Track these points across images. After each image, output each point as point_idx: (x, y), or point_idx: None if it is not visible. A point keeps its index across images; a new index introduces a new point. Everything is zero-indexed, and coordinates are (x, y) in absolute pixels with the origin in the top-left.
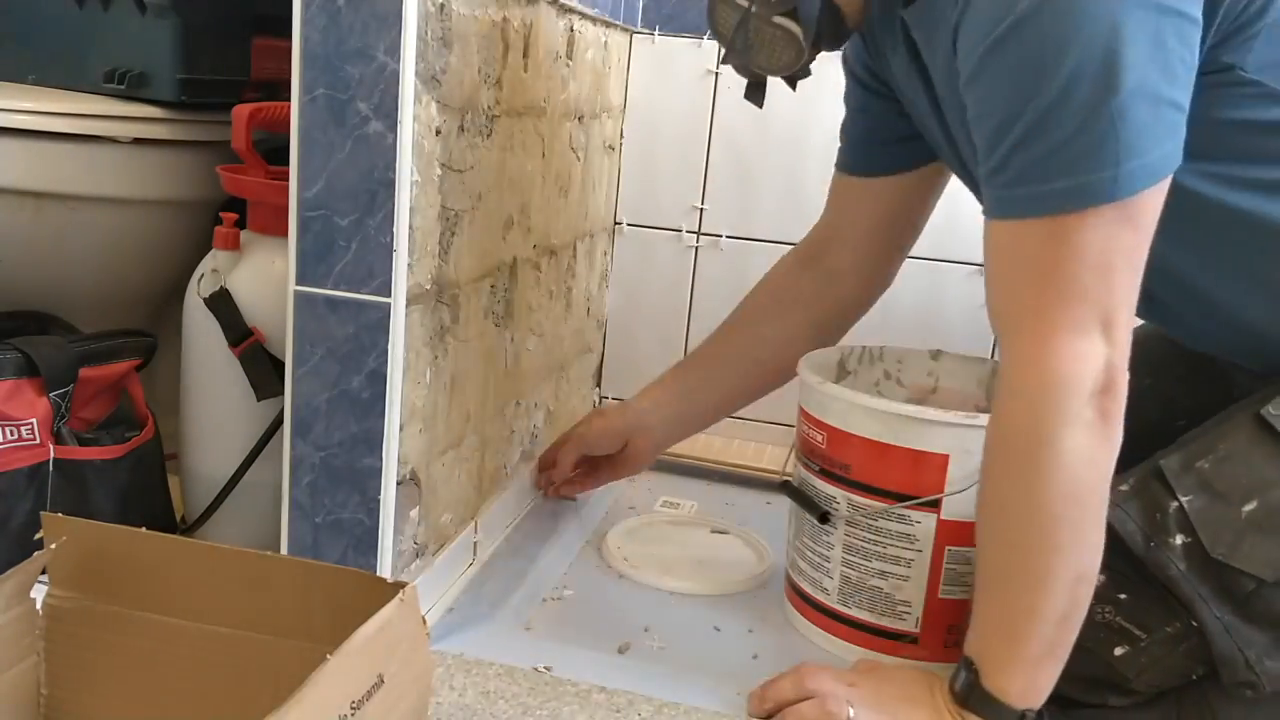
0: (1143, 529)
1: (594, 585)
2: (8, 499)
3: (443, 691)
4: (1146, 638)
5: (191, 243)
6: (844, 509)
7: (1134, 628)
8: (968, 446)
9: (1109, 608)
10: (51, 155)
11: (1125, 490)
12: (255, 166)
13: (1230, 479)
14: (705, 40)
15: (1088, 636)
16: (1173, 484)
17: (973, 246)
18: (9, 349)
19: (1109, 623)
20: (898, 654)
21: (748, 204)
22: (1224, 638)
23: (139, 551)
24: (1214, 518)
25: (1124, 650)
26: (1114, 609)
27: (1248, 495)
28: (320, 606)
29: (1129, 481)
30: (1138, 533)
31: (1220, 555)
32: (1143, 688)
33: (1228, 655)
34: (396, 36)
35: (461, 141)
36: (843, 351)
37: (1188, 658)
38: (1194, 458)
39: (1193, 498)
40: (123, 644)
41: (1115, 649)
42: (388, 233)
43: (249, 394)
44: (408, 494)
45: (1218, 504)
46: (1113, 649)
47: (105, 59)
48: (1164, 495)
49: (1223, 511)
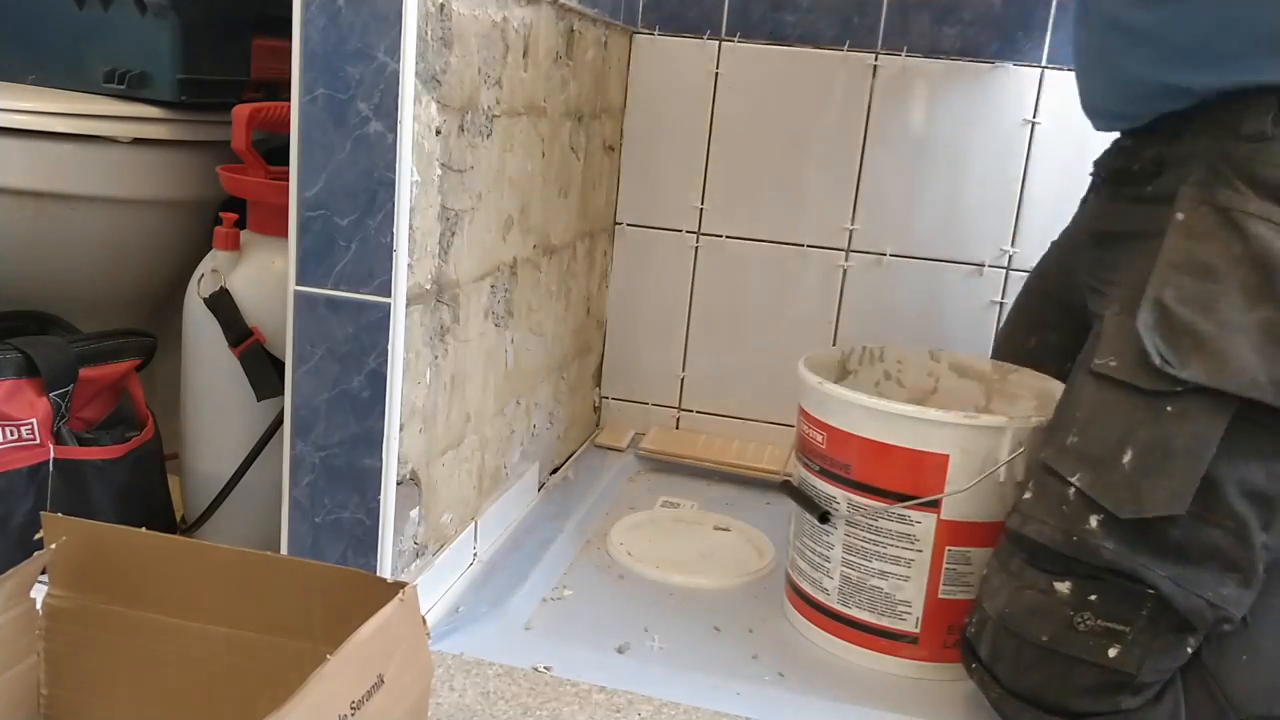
0: (1059, 527)
1: (594, 585)
2: (8, 499)
3: (443, 691)
4: (1129, 629)
5: (191, 243)
6: (844, 509)
7: (1115, 624)
8: (968, 446)
9: (1086, 614)
10: (51, 155)
11: (1029, 498)
12: (255, 166)
13: (1100, 440)
14: (705, 40)
15: (1078, 648)
16: (1060, 471)
17: (973, 247)
18: (9, 349)
19: (1092, 629)
20: (898, 654)
21: (748, 204)
22: (1179, 592)
23: (139, 551)
24: (1106, 483)
25: (1117, 650)
26: (1091, 614)
27: (1121, 448)
28: (320, 606)
29: (1029, 489)
30: (1056, 533)
31: (1129, 513)
32: (1150, 678)
33: (1190, 606)
34: (396, 36)
35: (461, 141)
36: (843, 351)
37: (1174, 632)
38: (1063, 437)
39: (1080, 474)
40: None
41: (1109, 651)
42: (388, 233)
43: (249, 394)
44: (408, 494)
45: (1102, 469)
46: (1106, 652)
47: (105, 59)
48: (1059, 485)
49: (1109, 473)
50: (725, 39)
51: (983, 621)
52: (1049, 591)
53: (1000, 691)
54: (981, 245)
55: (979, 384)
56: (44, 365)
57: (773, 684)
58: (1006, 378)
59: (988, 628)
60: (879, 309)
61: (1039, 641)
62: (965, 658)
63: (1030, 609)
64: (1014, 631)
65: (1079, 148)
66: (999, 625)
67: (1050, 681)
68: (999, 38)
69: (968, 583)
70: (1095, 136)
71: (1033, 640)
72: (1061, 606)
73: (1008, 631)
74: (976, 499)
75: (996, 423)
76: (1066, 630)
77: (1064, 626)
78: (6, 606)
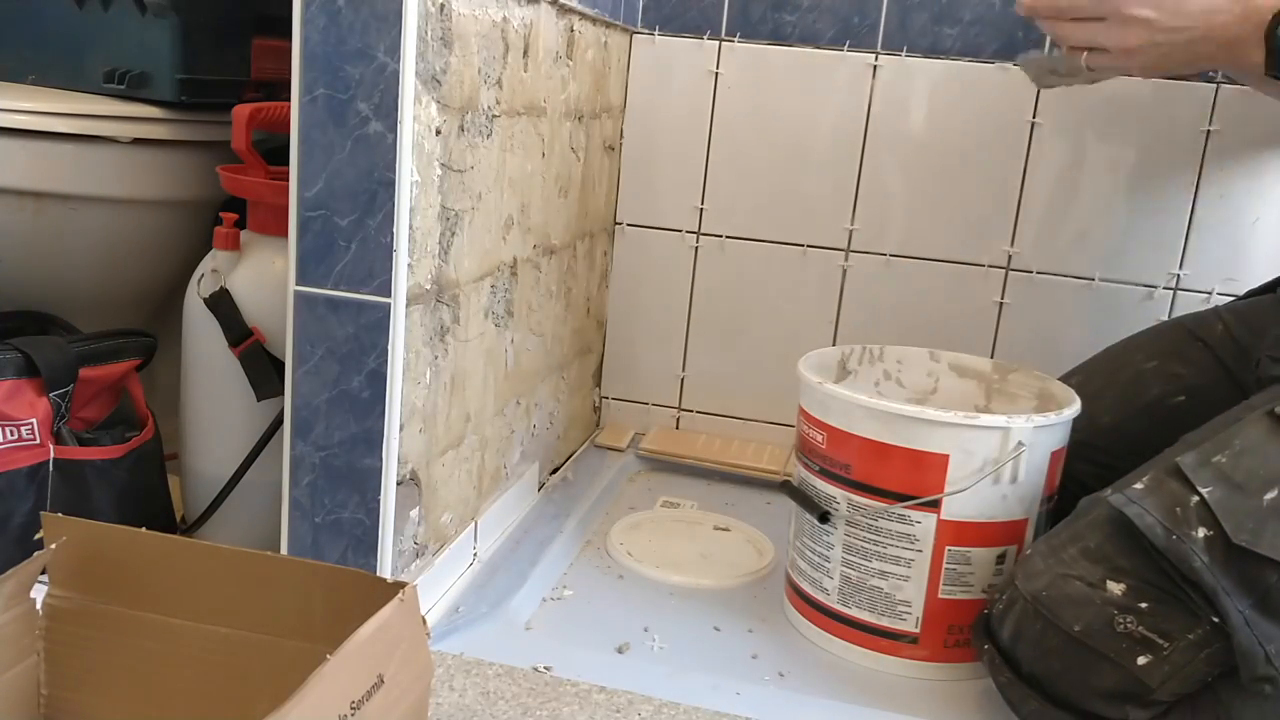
0: (1162, 523)
1: (594, 585)
2: (8, 499)
3: (443, 691)
4: (1169, 646)
5: (191, 243)
6: (844, 509)
7: (1156, 636)
8: (968, 446)
9: (1130, 617)
10: (51, 155)
11: (1141, 488)
12: (255, 166)
13: (1248, 470)
14: (705, 40)
15: (1110, 648)
16: (1191, 479)
17: (973, 247)
18: (9, 349)
19: (1131, 633)
20: (898, 654)
21: (748, 204)
22: (1245, 631)
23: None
24: (1235, 507)
25: (1147, 660)
26: (1135, 618)
27: (1267, 485)
28: (320, 606)
29: (1143, 480)
30: (1157, 525)
31: (1244, 542)
32: (1165, 697)
33: (1248, 649)
34: (396, 36)
35: (461, 141)
36: (843, 351)
37: (1209, 664)
38: (1210, 454)
39: (1212, 489)
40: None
41: (1139, 659)
42: (388, 233)
43: (249, 394)
44: (408, 494)
45: (1238, 494)
46: (1136, 659)
47: (105, 59)
48: (1183, 490)
49: (1243, 501)
50: (725, 39)
51: (1012, 601)
52: (1098, 586)
53: (1009, 676)
54: (982, 245)
55: (979, 384)
56: (44, 365)
57: (773, 684)
58: (1006, 378)
59: (1015, 608)
60: (879, 309)
61: (1070, 630)
62: (977, 638)
63: (1071, 598)
64: (1045, 615)
65: (1079, 148)
66: (1030, 607)
67: (1067, 672)
68: (999, 38)
69: (968, 583)
70: (1094, 136)
71: (1063, 627)
72: (1107, 604)
73: (1037, 614)
74: (976, 499)
75: (996, 423)
76: (1104, 627)
77: (1103, 622)
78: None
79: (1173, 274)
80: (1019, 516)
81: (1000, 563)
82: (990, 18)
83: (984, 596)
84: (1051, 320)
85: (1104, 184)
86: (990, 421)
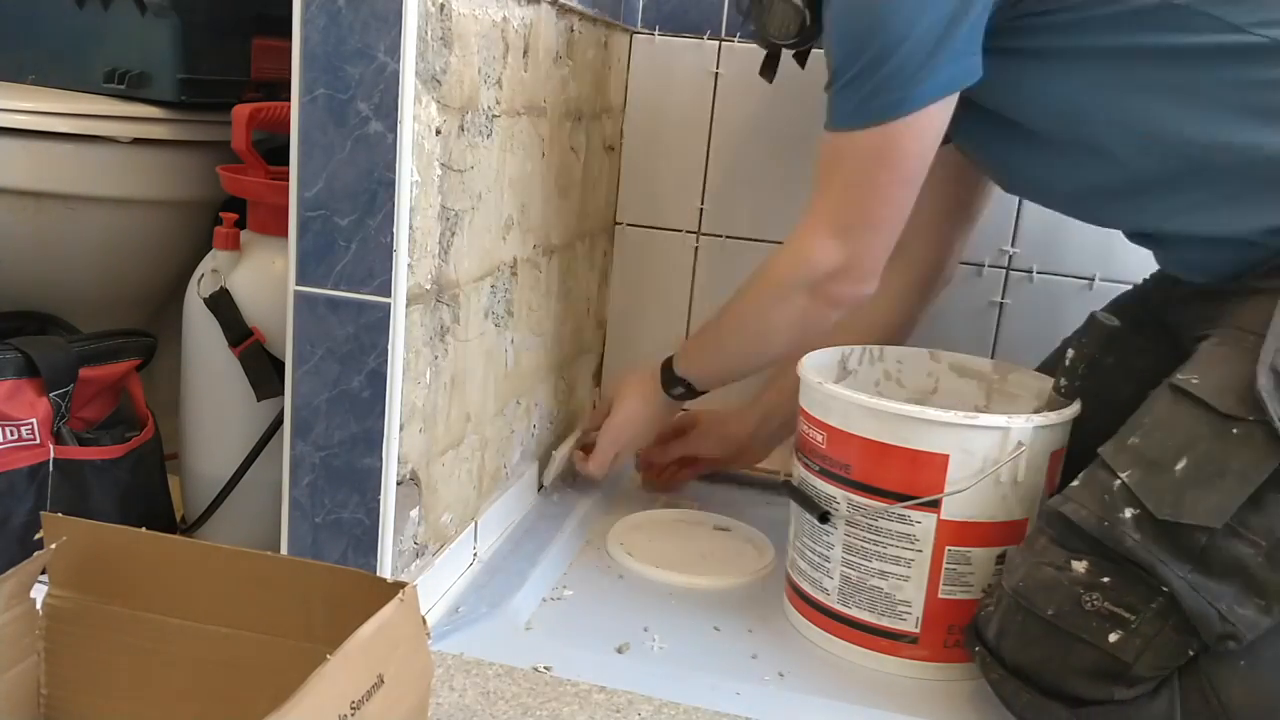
0: (1095, 512)
1: (594, 585)
2: (8, 499)
3: (443, 692)
4: (1135, 618)
5: (191, 243)
6: (844, 509)
7: (1122, 610)
8: (968, 446)
9: (1095, 594)
10: (51, 155)
11: (1076, 485)
12: (255, 166)
13: (1160, 446)
14: (705, 40)
15: (1080, 627)
16: (1111, 465)
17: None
18: (9, 349)
19: (1098, 609)
20: (898, 654)
21: (748, 204)
22: (1192, 595)
23: (139, 551)
24: (1153, 484)
25: (1118, 635)
26: (1100, 594)
27: (1178, 455)
28: (320, 606)
29: (1079, 479)
30: (1090, 516)
31: (1167, 515)
32: (1146, 672)
33: (1199, 611)
34: (396, 36)
35: (461, 141)
36: (843, 351)
37: (1178, 632)
38: (1125, 437)
39: (1130, 471)
40: (123, 644)
41: (1109, 635)
42: (388, 233)
43: (249, 394)
44: (408, 494)
45: (1154, 471)
46: (1106, 636)
47: (105, 59)
48: (1107, 477)
49: (1159, 477)
50: (725, 39)
51: (999, 600)
52: (1064, 568)
53: (1001, 672)
54: (981, 245)
55: (979, 384)
56: (44, 365)
57: (773, 684)
58: (1006, 378)
59: (1001, 605)
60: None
61: (1045, 615)
62: (969, 641)
63: (1043, 583)
64: (1024, 605)
65: None
66: (1012, 600)
67: (1049, 658)
68: None
69: (968, 583)
70: None
71: (1039, 614)
72: (1073, 584)
73: (1018, 606)
74: (976, 499)
75: (996, 423)
76: (1073, 607)
77: (1071, 603)
78: (6, 606)
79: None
80: (1019, 516)
81: (1000, 563)
82: None
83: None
84: (1051, 320)
85: None
86: (990, 421)
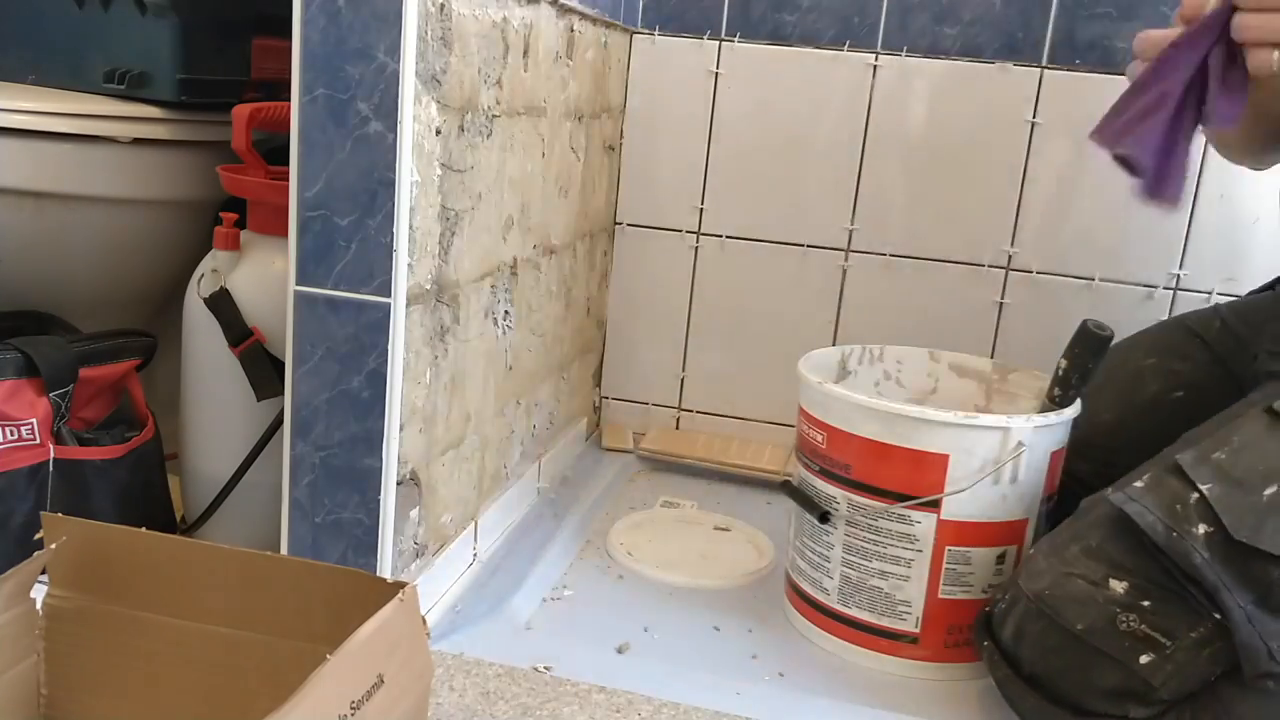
0: (1163, 520)
1: (594, 585)
2: (8, 499)
3: (443, 691)
4: (1172, 644)
5: (191, 243)
6: (844, 509)
7: (1159, 634)
8: (968, 446)
9: (1133, 615)
10: (51, 155)
11: (1141, 486)
12: (255, 166)
13: (1247, 467)
14: (705, 40)
15: (1113, 646)
16: (1191, 475)
17: (973, 247)
18: (9, 349)
19: (1134, 631)
20: (898, 654)
21: (748, 204)
22: (1247, 627)
23: (139, 551)
24: (1235, 503)
25: (1150, 658)
26: (1138, 617)
27: (1267, 480)
28: (320, 606)
29: (1144, 478)
30: (1158, 523)
31: (1244, 538)
32: (1167, 695)
33: (1251, 646)
34: (396, 36)
35: (461, 141)
36: (843, 352)
37: (1211, 662)
38: (1209, 451)
39: (1212, 485)
40: (123, 644)
41: (1141, 657)
42: (388, 233)
43: (249, 394)
44: (408, 494)
45: (1237, 490)
46: (1139, 657)
47: (105, 59)
48: (1183, 487)
49: (1243, 497)
50: (725, 39)
51: (1015, 600)
52: (1100, 585)
53: (1007, 672)
54: (981, 245)
55: (979, 384)
56: (44, 365)
57: (773, 684)
58: (1006, 378)
59: (1018, 608)
60: (879, 309)
61: (1073, 629)
62: (978, 635)
63: (1074, 596)
64: (1047, 614)
65: (1079, 148)
66: (1032, 606)
67: (1069, 670)
68: (999, 38)
69: (968, 583)
70: None
71: (1066, 626)
72: (1109, 603)
73: (1040, 613)
74: (976, 499)
75: (996, 423)
76: (1106, 626)
77: (1105, 621)
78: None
79: (1173, 274)
80: (1019, 516)
81: (1000, 563)
82: (990, 18)
83: (984, 596)
84: (1051, 320)
85: (1104, 184)
86: (990, 421)
